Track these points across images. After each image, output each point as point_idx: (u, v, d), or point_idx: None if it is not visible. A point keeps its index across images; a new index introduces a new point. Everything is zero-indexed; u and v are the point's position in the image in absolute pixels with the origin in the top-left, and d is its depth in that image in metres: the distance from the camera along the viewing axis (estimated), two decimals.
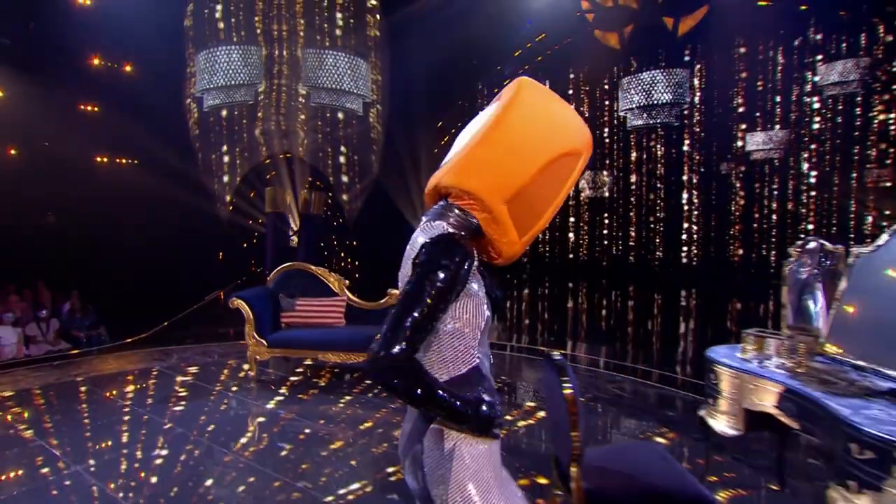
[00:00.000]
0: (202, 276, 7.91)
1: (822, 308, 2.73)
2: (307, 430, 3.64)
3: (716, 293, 8.80)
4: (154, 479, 2.88)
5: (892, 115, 8.22)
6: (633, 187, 9.88)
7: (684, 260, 9.52)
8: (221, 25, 8.03)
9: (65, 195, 7.64)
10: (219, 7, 8.01)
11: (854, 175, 8.52)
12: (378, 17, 8.99)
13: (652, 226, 10.07)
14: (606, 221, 10.40)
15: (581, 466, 1.98)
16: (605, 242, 10.23)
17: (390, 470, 3.06)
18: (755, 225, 9.26)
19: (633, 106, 10.02)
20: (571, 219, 10.04)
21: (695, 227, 9.98)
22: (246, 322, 4.48)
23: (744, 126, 9.14)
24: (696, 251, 9.74)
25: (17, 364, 5.33)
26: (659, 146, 9.93)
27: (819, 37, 8.63)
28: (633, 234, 10.01)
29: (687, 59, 9.35)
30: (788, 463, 3.02)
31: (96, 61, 8.07)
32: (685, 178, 9.91)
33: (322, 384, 4.74)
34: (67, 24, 7.31)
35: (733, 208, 9.15)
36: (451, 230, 1.17)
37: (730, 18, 8.68)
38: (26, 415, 3.86)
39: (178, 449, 3.27)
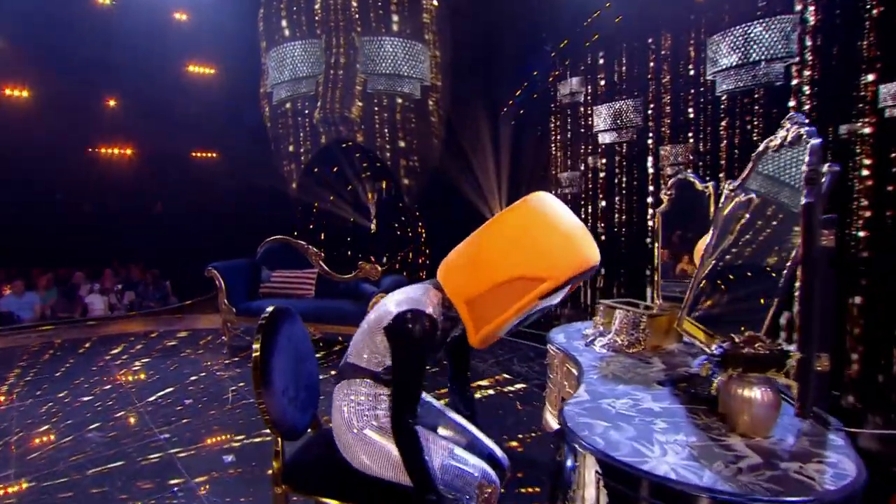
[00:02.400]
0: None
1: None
2: (215, 390, 3.81)
3: None
4: (59, 419, 3.30)
5: None
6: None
7: None
8: (285, 23, 8.75)
9: (167, 184, 9.06)
10: (283, 6, 8.74)
11: None
12: None
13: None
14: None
15: (282, 452, 1.75)
16: None
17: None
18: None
19: (724, 67, 8.59)
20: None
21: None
22: (219, 291, 4.84)
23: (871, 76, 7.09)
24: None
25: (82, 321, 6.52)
26: (757, 109, 8.22)
27: None
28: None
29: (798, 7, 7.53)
30: None
31: (191, 67, 9.38)
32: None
33: None
34: (168, 37, 8.66)
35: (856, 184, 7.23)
36: (428, 311, 1.40)
37: None
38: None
39: (103, 398, 3.68)
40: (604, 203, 10.54)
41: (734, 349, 1.23)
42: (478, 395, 3.69)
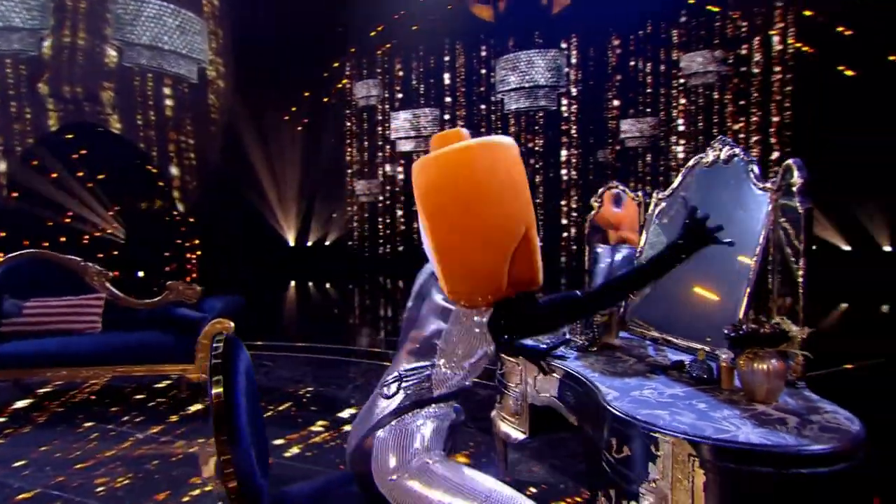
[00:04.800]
0: None
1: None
2: None
3: None
4: None
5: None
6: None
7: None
8: None
9: None
10: None
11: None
12: None
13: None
14: None
15: None
16: None
17: None
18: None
19: (510, 87, 9.85)
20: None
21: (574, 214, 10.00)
22: None
23: (615, 113, 9.33)
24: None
25: None
26: (537, 129, 9.87)
27: (682, 29, 9.03)
28: None
29: (563, 45, 9.36)
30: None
31: None
32: (563, 164, 9.94)
33: (61, 411, 3.78)
34: None
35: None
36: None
37: (602, 1, 8.78)
38: None
39: None
40: (401, 212, 11.02)
41: (753, 331, 1.53)
42: (349, 427, 3.50)
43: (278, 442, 3.23)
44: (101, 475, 2.88)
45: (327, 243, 10.53)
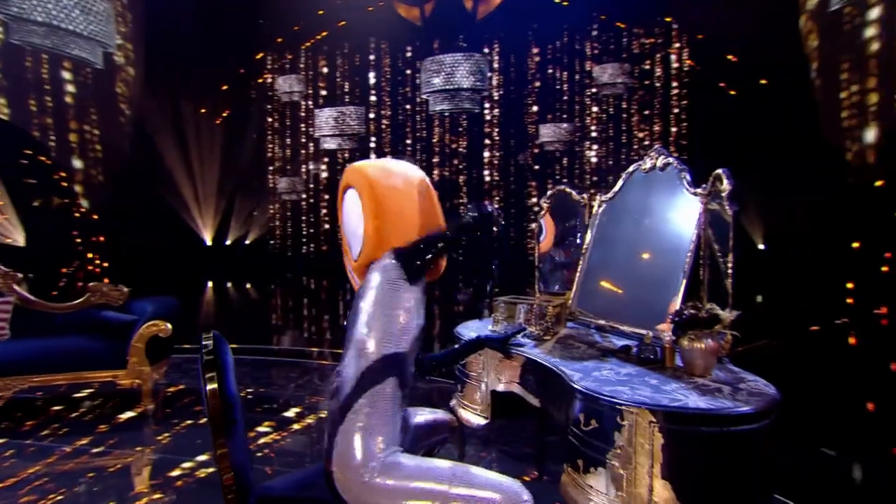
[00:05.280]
0: None
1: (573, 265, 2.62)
2: None
3: None
4: None
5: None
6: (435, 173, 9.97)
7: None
8: None
9: None
10: None
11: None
12: None
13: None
14: None
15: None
16: None
17: None
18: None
19: (435, 89, 10.02)
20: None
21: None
22: None
23: (534, 117, 9.84)
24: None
25: None
26: (460, 130, 10.16)
27: (596, 41, 9.71)
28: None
29: (486, 50, 9.71)
30: (549, 448, 2.88)
31: None
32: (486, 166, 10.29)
33: None
34: None
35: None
36: None
37: (524, 11, 9.22)
38: None
39: None
40: (325, 211, 10.95)
41: (693, 316, 1.80)
42: (298, 426, 3.51)
43: None
44: (27, 493, 2.69)
45: (247, 242, 10.13)
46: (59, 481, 2.79)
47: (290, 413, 3.71)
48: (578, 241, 2.63)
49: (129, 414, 3.62)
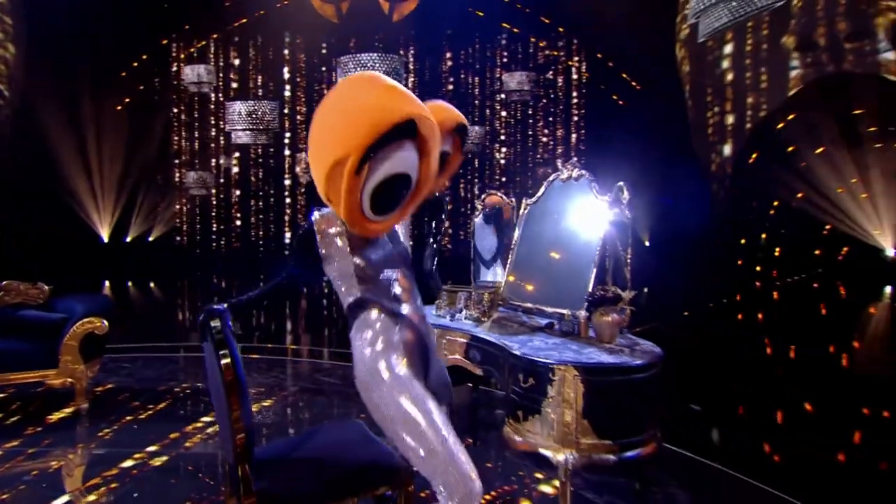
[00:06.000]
0: None
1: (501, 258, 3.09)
2: None
3: None
4: None
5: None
6: None
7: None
8: None
9: None
10: None
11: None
12: None
13: None
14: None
15: (251, 462, 1.71)
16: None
17: None
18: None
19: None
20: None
21: None
22: None
23: None
24: None
25: None
26: None
27: (505, 49, 10.41)
28: None
29: (401, 52, 10.06)
30: (480, 418, 3.33)
31: None
32: None
33: None
34: None
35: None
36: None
37: (440, 17, 9.66)
38: None
39: None
40: (235, 207, 10.80)
41: (602, 296, 2.31)
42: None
43: (174, 435, 3.28)
44: None
45: (151, 239, 9.64)
46: None
47: None
48: (507, 238, 3.09)
49: (59, 414, 3.57)
